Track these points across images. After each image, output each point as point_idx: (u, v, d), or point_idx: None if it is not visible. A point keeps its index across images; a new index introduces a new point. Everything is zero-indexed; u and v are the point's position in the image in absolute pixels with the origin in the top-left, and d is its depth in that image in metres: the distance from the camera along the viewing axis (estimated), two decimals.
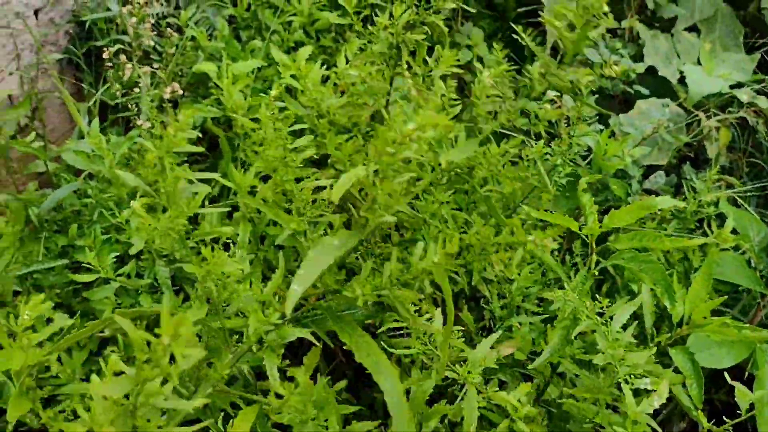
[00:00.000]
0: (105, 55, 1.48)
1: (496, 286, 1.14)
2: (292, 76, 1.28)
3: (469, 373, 0.86)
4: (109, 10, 1.68)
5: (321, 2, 1.76)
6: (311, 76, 1.00)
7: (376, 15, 0.96)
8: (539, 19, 1.99)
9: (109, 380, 0.54)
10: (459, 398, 0.87)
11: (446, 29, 0.95)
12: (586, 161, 1.50)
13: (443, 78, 0.94)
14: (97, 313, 1.16)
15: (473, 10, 1.76)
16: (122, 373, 0.54)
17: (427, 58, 0.99)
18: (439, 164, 0.94)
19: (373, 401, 1.26)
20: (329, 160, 0.94)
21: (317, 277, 0.68)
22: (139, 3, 1.48)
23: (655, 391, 0.84)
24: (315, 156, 0.95)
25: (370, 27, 1.00)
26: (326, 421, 0.83)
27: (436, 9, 0.93)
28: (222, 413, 0.92)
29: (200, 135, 1.14)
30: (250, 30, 1.82)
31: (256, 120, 0.93)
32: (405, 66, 0.94)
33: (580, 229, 1.00)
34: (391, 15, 0.94)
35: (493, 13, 2.17)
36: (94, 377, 0.59)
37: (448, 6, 0.93)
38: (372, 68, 0.99)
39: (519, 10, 2.05)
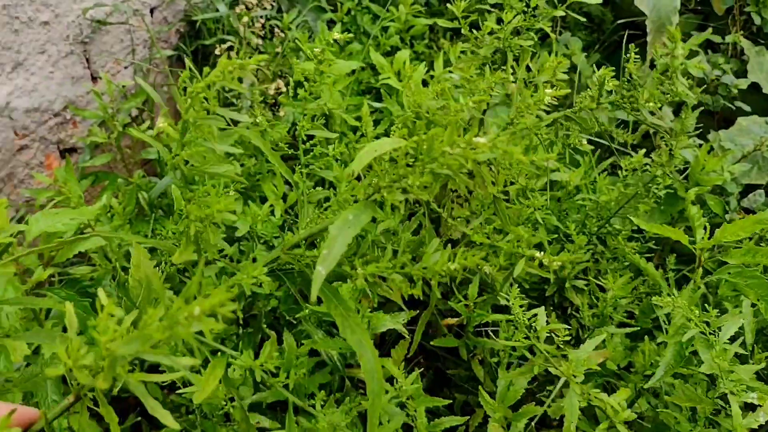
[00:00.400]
0: (217, 51, 1.55)
1: (586, 295, 1.14)
2: (388, 77, 1.32)
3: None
4: (217, 11, 1.77)
5: (416, 9, 1.80)
6: (415, 77, 1.02)
7: (485, 20, 0.97)
8: (637, 31, 1.96)
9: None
10: (550, 398, 0.87)
11: (554, 35, 0.95)
12: (682, 175, 1.47)
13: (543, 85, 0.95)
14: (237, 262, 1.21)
15: (572, 21, 1.75)
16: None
17: (530, 64, 0.99)
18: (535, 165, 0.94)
19: (453, 400, 1.27)
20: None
21: (342, 255, 0.65)
22: (249, 5, 1.55)
23: (761, 406, 0.82)
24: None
25: (474, 31, 1.02)
26: (415, 411, 0.84)
27: (545, 16, 0.94)
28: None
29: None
30: (348, 34, 1.87)
31: (358, 118, 0.96)
32: (510, 70, 0.95)
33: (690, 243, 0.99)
34: (499, 20, 0.95)
35: (591, 24, 2.15)
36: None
37: (557, 14, 0.94)
38: (473, 72, 1.00)
39: (619, 21, 2.02)
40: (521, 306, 0.84)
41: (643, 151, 1.06)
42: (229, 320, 0.67)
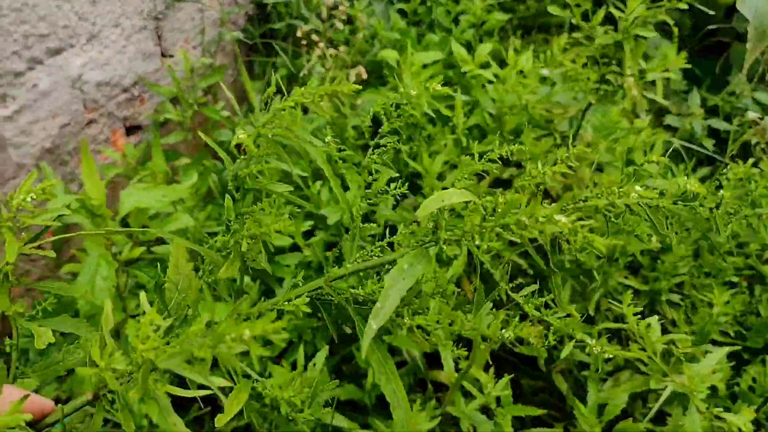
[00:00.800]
0: (299, 33, 1.55)
1: (682, 311, 1.08)
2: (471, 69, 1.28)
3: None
4: None
5: (489, 3, 1.77)
6: (523, 66, 0.98)
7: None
8: (720, 38, 1.91)
9: None
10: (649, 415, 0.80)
11: (676, 29, 0.91)
12: None
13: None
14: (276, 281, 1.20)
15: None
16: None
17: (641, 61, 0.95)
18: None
19: None
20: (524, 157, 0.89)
21: (395, 308, 0.63)
22: None
23: None
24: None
25: (582, 23, 0.98)
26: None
27: (669, 8, 0.90)
28: None
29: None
30: (421, 26, 1.86)
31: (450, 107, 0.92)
32: (627, 64, 0.91)
33: None
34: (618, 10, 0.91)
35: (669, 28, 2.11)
36: None
37: (681, 6, 0.89)
38: (578, 65, 0.96)
39: (709, 27, 1.99)
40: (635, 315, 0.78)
41: (751, 161, 1.02)
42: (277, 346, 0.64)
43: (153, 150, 1.34)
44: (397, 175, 0.84)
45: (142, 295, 0.56)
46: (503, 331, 0.64)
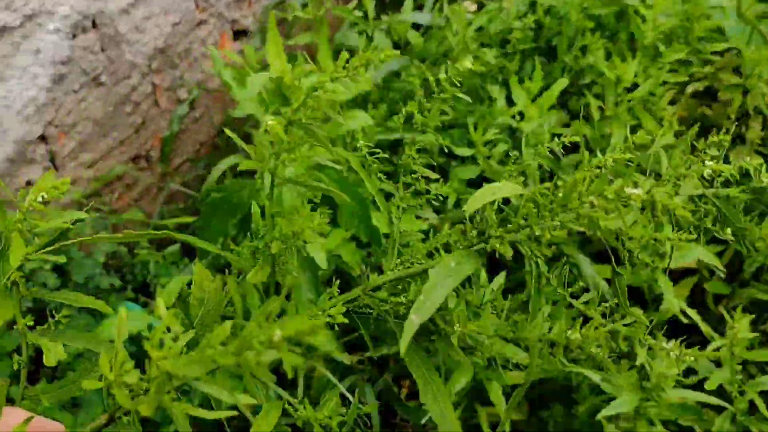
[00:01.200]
0: None
1: None
2: None
3: None
4: None
5: None
6: None
7: None
8: None
9: None
10: None
11: None
12: None
13: None
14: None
15: None
16: None
17: None
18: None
19: None
20: None
21: (439, 305, 0.55)
22: None
23: None
24: None
25: None
26: None
27: None
28: None
29: None
30: None
31: None
32: None
33: None
34: None
35: None
36: None
37: None
38: None
39: None
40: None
41: None
42: (323, 354, 0.57)
43: (270, 50, 1.26)
44: (437, 177, 0.77)
45: (159, 300, 0.49)
46: (569, 332, 0.57)
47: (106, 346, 0.58)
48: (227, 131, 0.66)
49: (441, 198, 0.75)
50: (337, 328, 0.69)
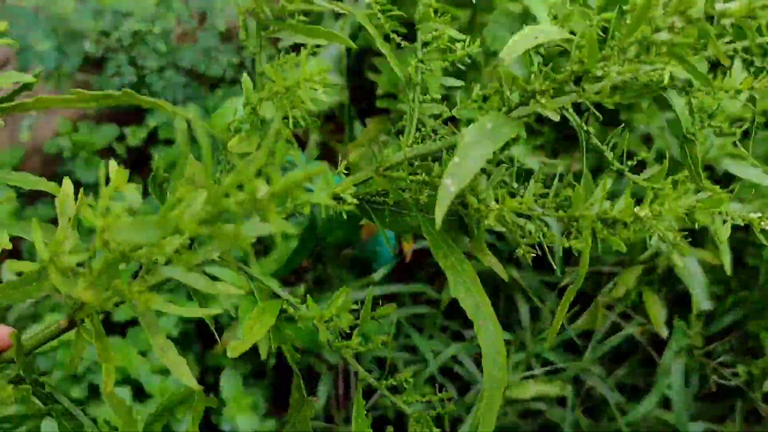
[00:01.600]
0: None
1: None
2: None
3: None
4: None
5: None
6: None
7: None
8: None
9: None
10: None
11: None
12: None
13: None
14: None
15: None
16: None
17: None
18: None
19: None
20: None
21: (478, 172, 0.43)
22: None
23: None
24: None
25: None
26: None
27: None
28: None
29: None
30: None
31: None
32: None
33: None
34: None
35: None
36: None
37: None
38: None
39: None
40: None
41: None
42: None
43: None
44: (463, 37, 0.63)
45: (112, 161, 0.37)
46: (638, 208, 0.45)
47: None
48: None
49: (469, 60, 0.62)
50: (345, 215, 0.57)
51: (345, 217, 0.57)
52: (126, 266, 0.35)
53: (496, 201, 0.50)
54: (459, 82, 0.63)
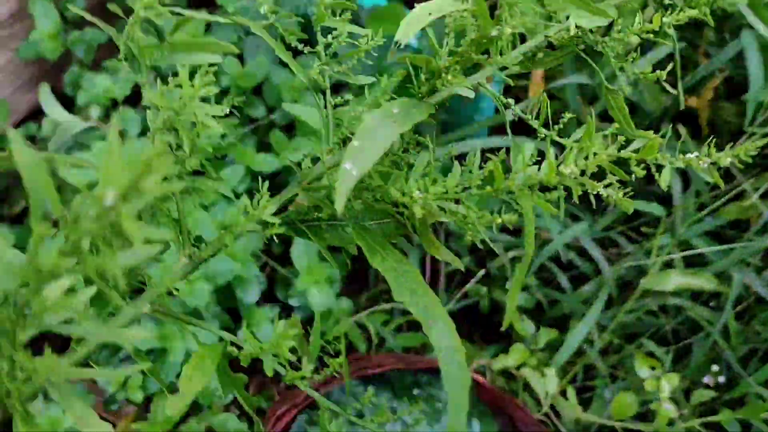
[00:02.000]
0: None
1: None
2: None
3: None
4: None
5: None
6: None
7: None
8: None
9: None
10: None
11: None
12: None
13: None
14: None
15: None
16: None
17: None
18: None
19: None
20: None
21: (379, 156, 0.39)
22: None
23: None
24: None
25: None
26: None
27: None
28: None
29: None
30: None
31: None
32: None
33: None
34: None
35: None
36: None
37: None
38: None
39: None
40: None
41: None
42: None
43: None
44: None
45: None
46: (562, 167, 0.41)
47: None
48: None
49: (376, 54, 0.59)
50: (277, 240, 0.54)
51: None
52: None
53: (419, 192, 0.46)
54: (371, 79, 0.60)
